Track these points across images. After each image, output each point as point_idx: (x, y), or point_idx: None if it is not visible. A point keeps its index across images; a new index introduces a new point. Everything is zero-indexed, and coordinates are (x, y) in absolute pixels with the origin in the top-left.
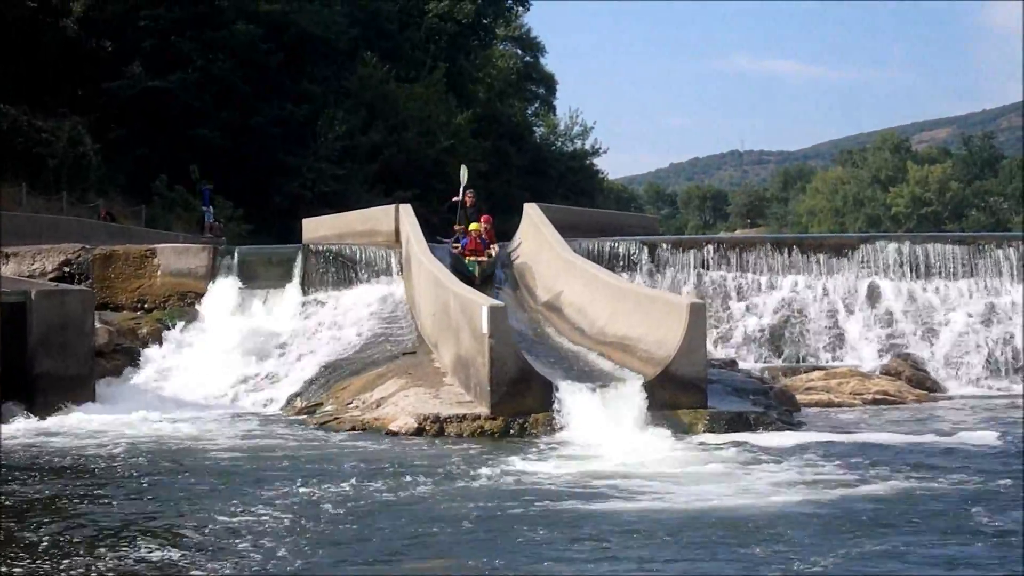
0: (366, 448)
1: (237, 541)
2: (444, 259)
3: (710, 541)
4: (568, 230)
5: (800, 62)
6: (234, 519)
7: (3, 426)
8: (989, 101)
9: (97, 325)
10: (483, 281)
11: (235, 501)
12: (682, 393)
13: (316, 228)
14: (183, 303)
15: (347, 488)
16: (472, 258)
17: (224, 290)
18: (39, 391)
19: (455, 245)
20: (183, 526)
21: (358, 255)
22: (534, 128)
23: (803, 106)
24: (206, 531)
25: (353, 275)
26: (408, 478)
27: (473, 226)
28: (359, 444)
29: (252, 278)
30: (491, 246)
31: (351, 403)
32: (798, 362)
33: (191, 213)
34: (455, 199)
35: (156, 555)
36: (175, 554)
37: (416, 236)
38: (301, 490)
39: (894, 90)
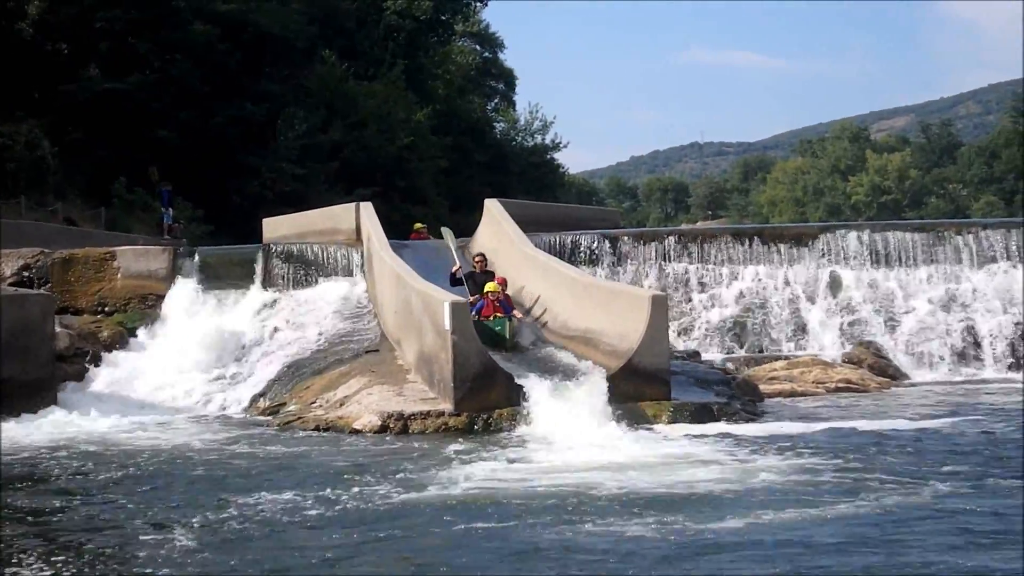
0: (327, 450)
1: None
2: (411, 261)
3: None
4: (529, 225)
5: (759, 54)
6: (159, 535)
7: None
8: (947, 89)
9: (58, 329)
10: (513, 347)
11: (178, 510)
12: (645, 385)
13: (276, 228)
14: (144, 305)
15: (306, 496)
16: (499, 314)
17: (185, 291)
18: (1, 396)
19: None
20: (129, 534)
21: (319, 254)
22: (494, 124)
23: (762, 97)
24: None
25: (314, 274)
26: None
27: (490, 286)
28: (322, 446)
29: (213, 279)
30: (513, 310)
31: (314, 402)
32: (761, 352)
33: (151, 215)
34: (455, 270)
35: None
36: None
37: (377, 234)
38: (262, 497)
39: (852, 80)
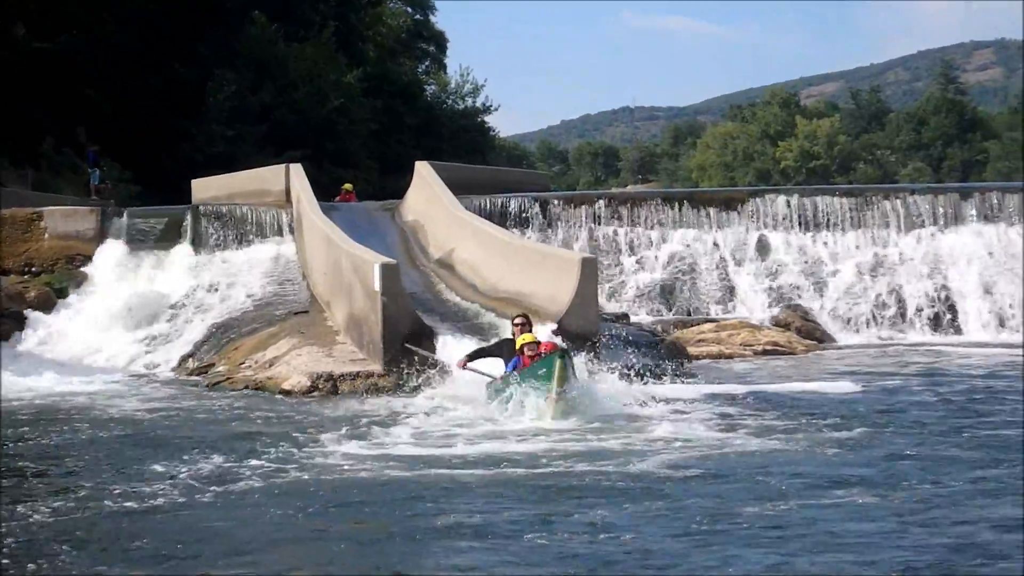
0: (254, 410)
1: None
2: (341, 224)
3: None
4: (460, 188)
5: (691, 18)
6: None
7: None
8: (876, 56)
9: None
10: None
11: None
12: (575, 347)
13: (206, 189)
14: (71, 266)
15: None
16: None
17: (113, 252)
18: None
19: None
20: (46, 502)
21: (248, 216)
22: (425, 87)
23: (694, 62)
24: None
25: (243, 235)
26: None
27: (526, 337)
28: (249, 405)
29: (141, 240)
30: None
31: (243, 363)
32: (689, 315)
33: (80, 176)
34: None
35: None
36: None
37: (307, 196)
38: (190, 462)
39: (783, 46)
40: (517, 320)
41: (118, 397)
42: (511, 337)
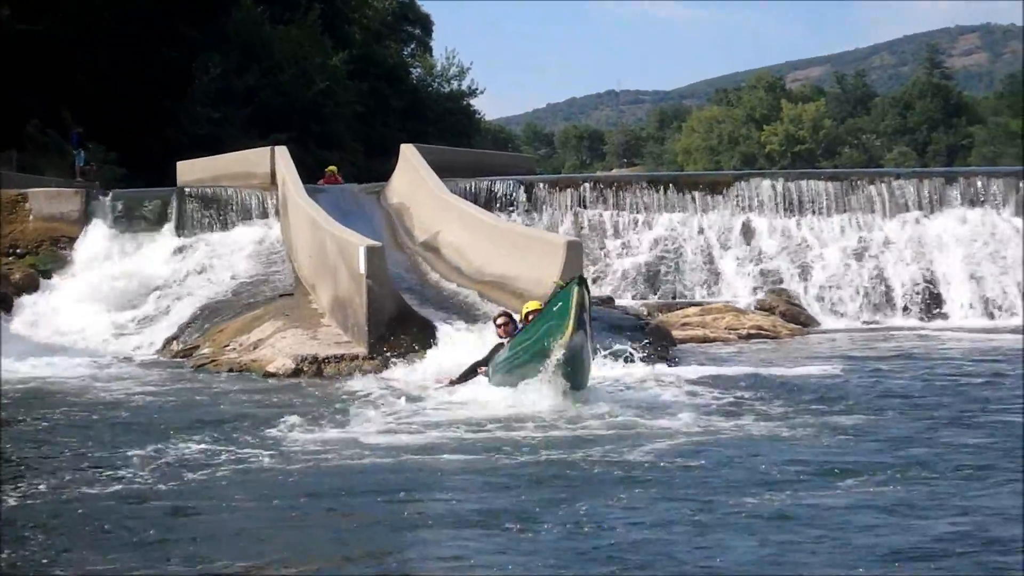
0: (238, 393)
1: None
2: (326, 206)
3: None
4: (445, 171)
5: (677, 2)
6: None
7: None
8: (862, 40)
9: None
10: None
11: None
12: None
13: (191, 171)
14: (56, 248)
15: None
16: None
17: (98, 234)
18: None
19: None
20: (32, 484)
21: (234, 198)
22: (411, 69)
23: (679, 46)
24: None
25: (228, 218)
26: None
27: (533, 304)
28: (233, 388)
29: (126, 222)
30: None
31: (228, 345)
32: (674, 299)
33: (65, 158)
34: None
35: None
36: None
37: (292, 178)
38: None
39: (769, 30)
40: (500, 320)
41: (102, 380)
42: (501, 341)
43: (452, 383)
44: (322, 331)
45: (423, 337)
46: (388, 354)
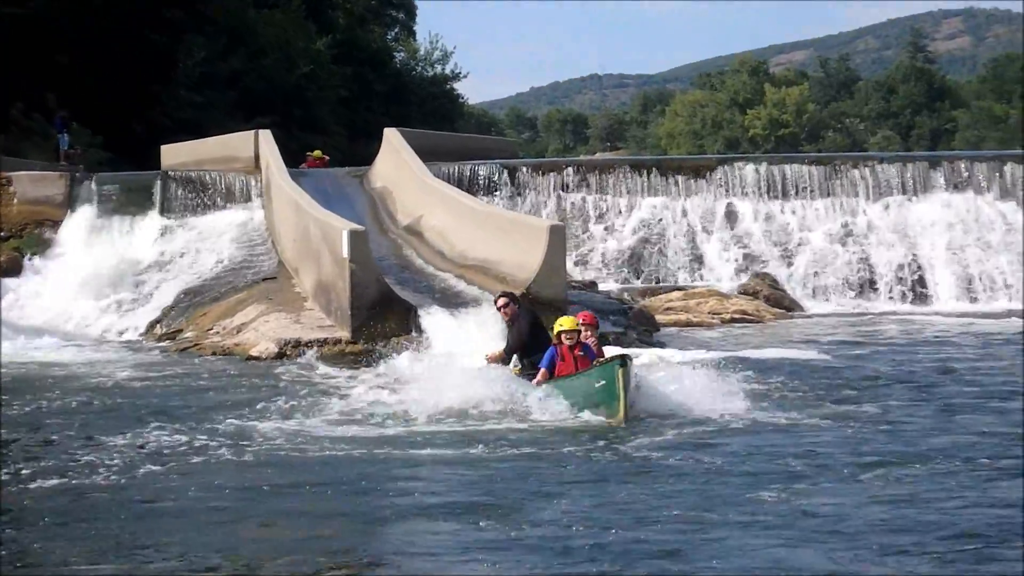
0: (220, 377)
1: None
2: (310, 190)
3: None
4: (429, 155)
5: None
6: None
7: None
8: (846, 24)
9: None
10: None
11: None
12: (543, 314)
13: (175, 155)
14: (41, 231)
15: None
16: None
17: (82, 218)
18: None
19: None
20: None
21: (217, 182)
22: (394, 54)
23: (663, 30)
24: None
25: (212, 202)
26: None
27: (565, 322)
28: (215, 372)
29: (111, 205)
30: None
31: (211, 329)
32: (657, 283)
33: (49, 142)
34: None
35: None
36: None
37: (276, 162)
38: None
39: (752, 14)
40: (500, 302)
41: (85, 363)
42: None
43: (492, 360)
44: (305, 315)
45: (406, 321)
46: (373, 343)
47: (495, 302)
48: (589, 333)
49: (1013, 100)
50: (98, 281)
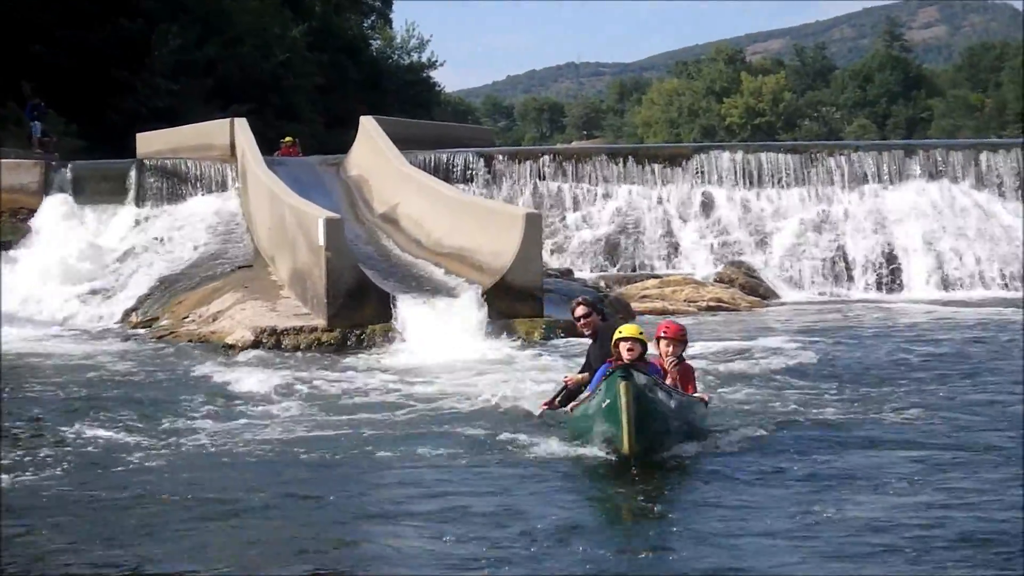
0: (196, 366)
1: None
2: (285, 178)
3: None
4: (405, 143)
5: None
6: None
7: None
8: (822, 12)
9: None
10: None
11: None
12: (519, 302)
13: (150, 143)
14: (15, 219)
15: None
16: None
17: (57, 205)
18: None
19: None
20: None
21: (193, 170)
22: (370, 42)
23: (639, 19)
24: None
25: (188, 190)
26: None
27: (628, 329)
28: (191, 360)
29: (86, 193)
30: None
31: (187, 317)
32: (633, 271)
33: (24, 130)
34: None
35: None
36: None
37: (252, 150)
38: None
39: (729, 2)
40: (580, 311)
41: (59, 352)
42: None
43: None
44: (281, 303)
45: (382, 309)
46: (349, 331)
47: (572, 311)
48: (669, 349)
49: (988, 89)
50: (73, 269)
